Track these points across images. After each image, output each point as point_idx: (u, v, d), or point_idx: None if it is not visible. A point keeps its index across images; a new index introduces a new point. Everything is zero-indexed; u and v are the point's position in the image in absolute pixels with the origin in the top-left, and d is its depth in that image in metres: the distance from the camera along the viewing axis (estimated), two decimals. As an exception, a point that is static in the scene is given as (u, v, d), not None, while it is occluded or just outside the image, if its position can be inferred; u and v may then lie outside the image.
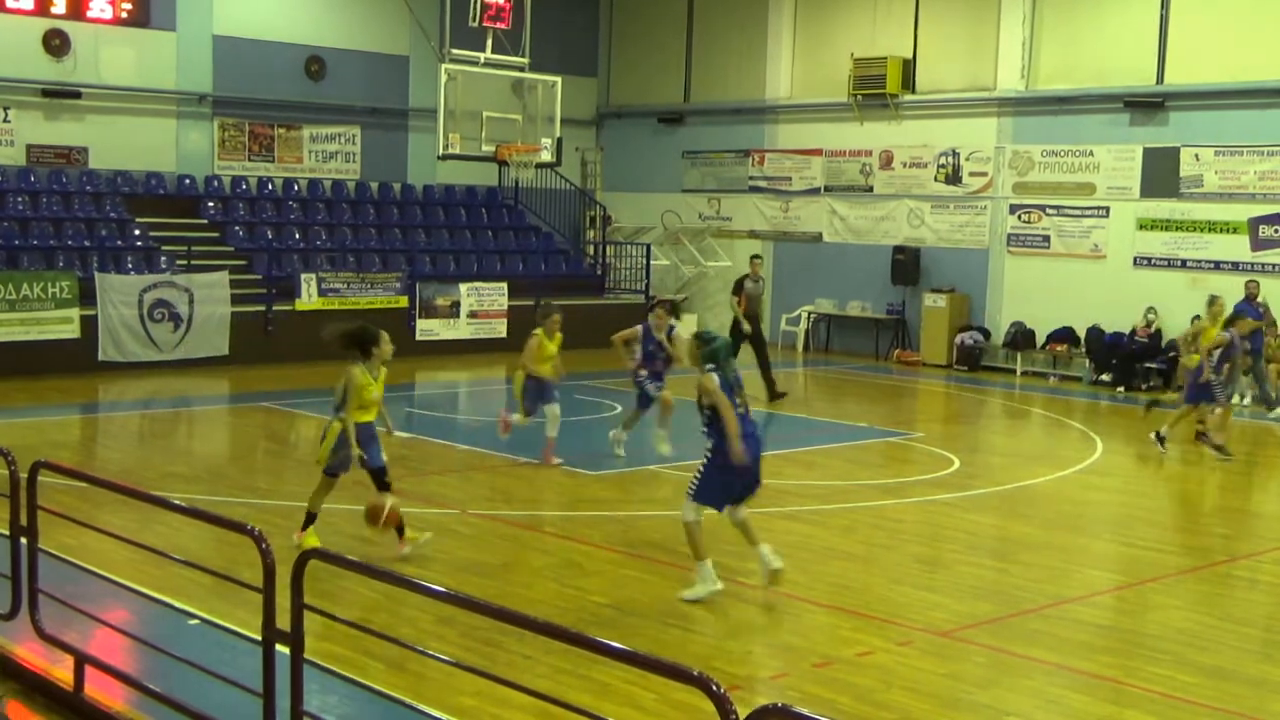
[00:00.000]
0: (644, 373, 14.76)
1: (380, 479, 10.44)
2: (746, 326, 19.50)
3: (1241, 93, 22.08)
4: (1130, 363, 22.63)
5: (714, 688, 4.16)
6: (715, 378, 9.22)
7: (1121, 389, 22.32)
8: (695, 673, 4.28)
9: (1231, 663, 8.37)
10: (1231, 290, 21.99)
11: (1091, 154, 23.90)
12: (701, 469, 9.41)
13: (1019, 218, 24.96)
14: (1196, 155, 22.64)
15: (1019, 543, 11.68)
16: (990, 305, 25.37)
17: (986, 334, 25.17)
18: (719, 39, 29.66)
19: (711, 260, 29.41)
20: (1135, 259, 23.41)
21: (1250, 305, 19.91)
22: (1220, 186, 22.40)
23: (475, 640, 8.07)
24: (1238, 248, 22.22)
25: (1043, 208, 24.59)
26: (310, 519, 10.45)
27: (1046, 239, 24.58)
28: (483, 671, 5.82)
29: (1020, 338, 24.47)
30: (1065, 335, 24.10)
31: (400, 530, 10.30)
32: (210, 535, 9.90)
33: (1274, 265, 21.78)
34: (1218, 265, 22.41)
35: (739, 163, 29.30)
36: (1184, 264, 22.81)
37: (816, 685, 7.83)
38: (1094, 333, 23.52)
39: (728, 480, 9.33)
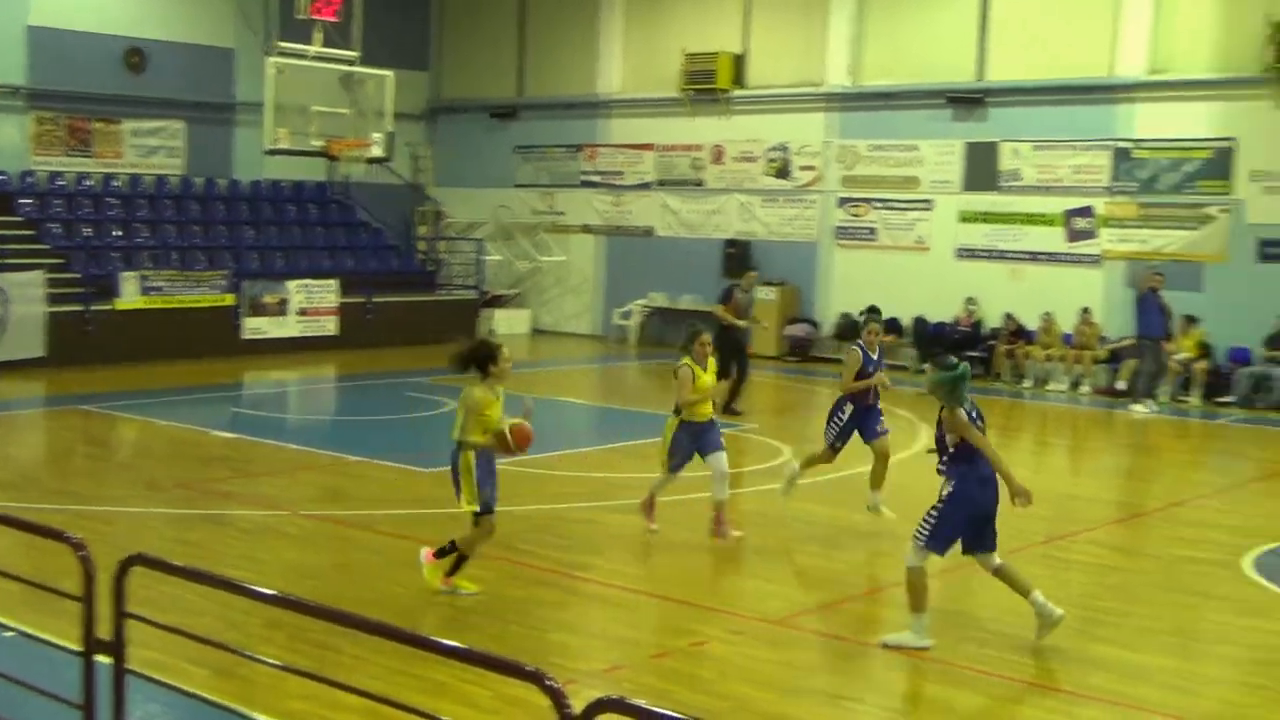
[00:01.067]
0: (849, 408, 12.05)
1: (474, 522, 9.30)
2: (741, 325, 19.02)
3: (1057, 89, 22.82)
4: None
5: (548, 682, 4.13)
6: (962, 411, 8.32)
7: (946, 378, 22.89)
8: (529, 668, 4.25)
9: (1052, 640, 8.63)
10: (1048, 281, 22.79)
11: (916, 149, 24.45)
12: (937, 512, 8.41)
13: (847, 211, 25.43)
14: (1015, 150, 23.34)
15: (850, 530, 11.88)
16: (819, 297, 25.80)
17: (815, 325, 25.59)
18: (551, 33, 29.61)
19: (545, 255, 29.37)
20: (957, 251, 24.04)
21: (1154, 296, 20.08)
22: (1037, 180, 23.13)
23: (305, 643, 7.92)
24: (1053, 239, 22.96)
25: (869, 201, 25.09)
26: (462, 561, 9.35)
27: (873, 231, 25.09)
28: (312, 674, 5.70)
29: (849, 329, 24.90)
30: (891, 325, 24.57)
31: (454, 558, 9.40)
32: (22, 543, 9.52)
33: (1087, 256, 22.56)
34: (1035, 256, 23.14)
35: (572, 157, 29.29)
36: (1003, 255, 23.49)
37: (653, 677, 7.86)
38: (919, 323, 24.09)
39: (960, 522, 8.43)
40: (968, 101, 23.76)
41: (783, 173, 26.25)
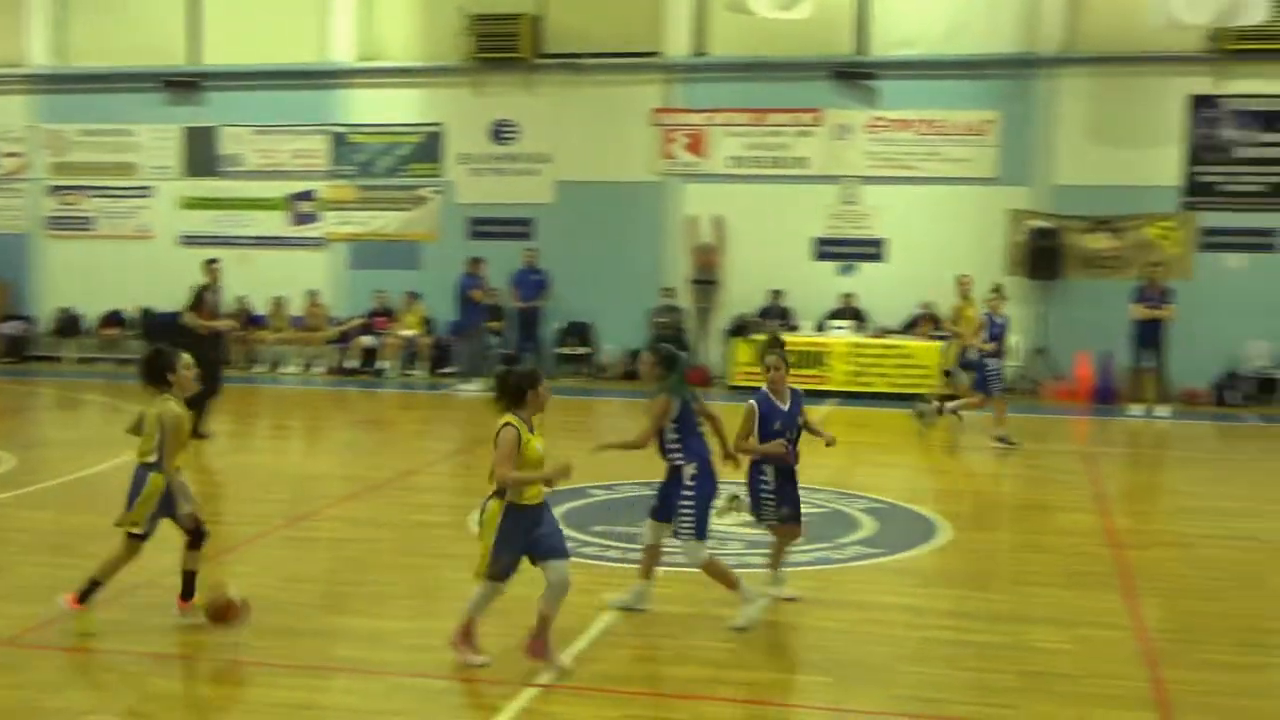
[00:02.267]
0: (769, 470, 8.84)
1: (199, 531, 8.57)
2: (223, 328, 16.45)
3: (273, 74, 23.11)
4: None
5: None
6: (674, 402, 8.29)
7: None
8: None
9: (297, 620, 8.76)
10: (275, 265, 23.03)
11: (132, 134, 23.72)
12: (691, 499, 8.33)
13: (59, 200, 24.17)
14: (235, 134, 23.31)
15: (84, 534, 11.31)
16: (33, 291, 24.34)
17: (32, 321, 24.18)
18: None
19: None
20: (181, 238, 23.62)
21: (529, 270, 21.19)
22: (259, 165, 23.24)
23: None
24: (278, 223, 23.23)
25: (85, 189, 24.00)
26: (95, 588, 8.37)
27: (90, 221, 24.03)
28: None
29: (68, 324, 23.76)
30: (118, 318, 23.75)
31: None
32: None
33: (311, 239, 23.05)
34: (262, 241, 23.27)
35: None
36: (230, 241, 23.39)
37: None
38: (147, 314, 23.46)
39: (711, 497, 8.45)
40: (184, 85, 23.35)
41: (-16, 159, 24.42)
